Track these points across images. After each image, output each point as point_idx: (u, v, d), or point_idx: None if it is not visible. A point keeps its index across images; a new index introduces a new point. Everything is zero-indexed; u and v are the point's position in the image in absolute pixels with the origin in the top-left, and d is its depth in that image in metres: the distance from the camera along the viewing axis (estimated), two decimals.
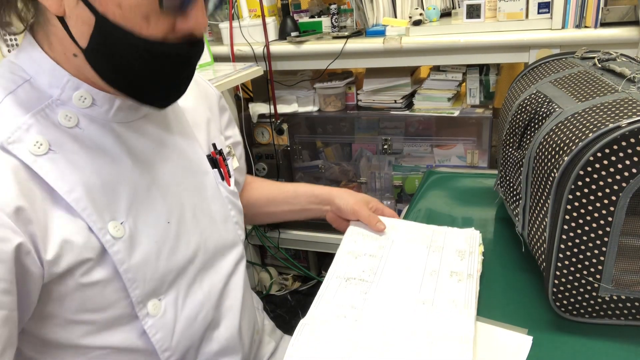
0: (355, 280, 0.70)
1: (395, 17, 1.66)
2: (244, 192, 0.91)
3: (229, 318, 0.71)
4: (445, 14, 1.71)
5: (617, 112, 0.58)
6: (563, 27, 1.38)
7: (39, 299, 0.53)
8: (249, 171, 1.98)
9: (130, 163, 0.58)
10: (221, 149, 0.74)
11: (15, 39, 1.46)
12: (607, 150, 0.55)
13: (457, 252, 0.78)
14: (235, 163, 0.79)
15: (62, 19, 0.50)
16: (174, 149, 0.65)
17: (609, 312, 0.62)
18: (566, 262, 0.61)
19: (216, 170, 0.71)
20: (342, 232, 0.84)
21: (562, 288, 0.63)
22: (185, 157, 0.66)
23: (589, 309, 0.63)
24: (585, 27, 1.36)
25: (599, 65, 0.75)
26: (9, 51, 1.43)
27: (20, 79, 0.54)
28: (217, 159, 0.72)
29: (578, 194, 0.57)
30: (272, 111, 1.86)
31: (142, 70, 0.53)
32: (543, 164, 0.65)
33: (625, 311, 0.62)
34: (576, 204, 0.58)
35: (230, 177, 0.74)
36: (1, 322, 0.48)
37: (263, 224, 1.98)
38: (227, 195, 0.72)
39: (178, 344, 0.63)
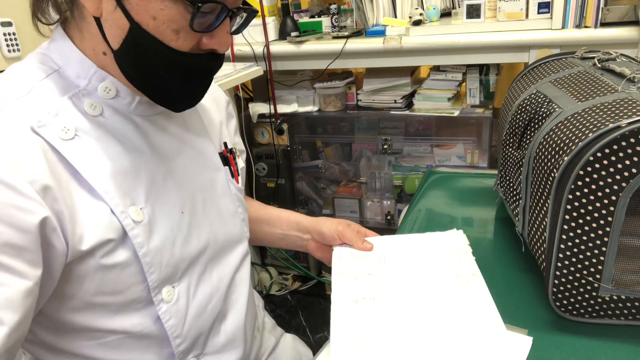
0: (366, 300, 0.69)
1: (395, 17, 1.66)
2: None
3: (235, 311, 0.73)
4: (445, 14, 1.71)
5: (617, 112, 0.58)
6: (563, 27, 1.38)
7: (60, 279, 0.55)
8: (249, 171, 1.98)
9: (149, 153, 0.61)
10: (231, 148, 0.77)
11: (16, 40, 1.46)
12: (607, 150, 0.55)
13: (450, 255, 0.78)
14: (241, 163, 0.81)
15: (97, 19, 0.53)
16: (189, 144, 0.67)
17: (609, 312, 0.62)
18: (566, 262, 0.61)
19: (227, 167, 0.74)
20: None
21: (562, 288, 0.63)
22: (199, 153, 0.69)
23: (589, 309, 0.63)
24: (585, 27, 1.36)
25: (599, 65, 0.75)
26: (8, 51, 1.43)
27: (50, 68, 0.58)
28: (227, 157, 0.74)
29: (578, 193, 0.57)
30: (272, 111, 1.86)
31: (165, 77, 0.56)
32: (543, 164, 0.65)
33: (625, 311, 0.62)
34: (576, 203, 0.58)
35: (238, 175, 0.77)
36: (25, 293, 0.50)
37: None
38: (236, 192, 0.74)
39: (189, 332, 0.65)
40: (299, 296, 2.12)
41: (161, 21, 0.51)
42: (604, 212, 0.57)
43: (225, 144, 0.76)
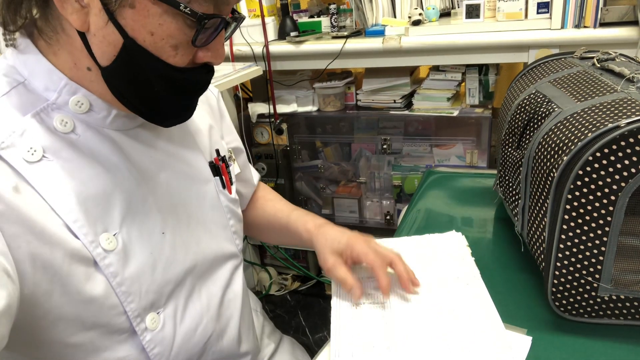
0: (366, 305, 0.69)
1: (395, 17, 1.66)
2: (252, 208, 0.88)
3: (229, 328, 0.69)
4: (445, 13, 1.71)
5: (616, 112, 0.58)
6: (562, 27, 1.38)
7: (32, 327, 0.50)
8: None
9: (127, 172, 0.57)
10: (224, 156, 0.73)
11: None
12: (606, 150, 0.55)
13: (450, 258, 0.78)
14: (236, 169, 0.77)
15: (82, 34, 0.49)
16: (174, 157, 0.64)
17: (608, 312, 0.62)
18: (565, 262, 0.61)
19: (217, 178, 0.70)
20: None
21: (561, 288, 0.63)
22: (185, 165, 0.65)
23: (588, 309, 0.63)
24: (585, 27, 1.36)
25: (598, 65, 0.75)
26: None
27: (14, 80, 0.53)
28: (219, 166, 0.70)
29: (577, 193, 0.57)
30: (272, 111, 1.86)
31: (161, 93, 0.53)
32: (542, 164, 0.65)
33: (625, 311, 0.62)
34: (575, 203, 0.58)
35: (232, 184, 0.73)
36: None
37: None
38: (227, 204, 0.71)
39: (176, 358, 0.62)
40: (298, 296, 2.12)
41: (160, 37, 0.49)
42: (603, 212, 0.57)
43: (217, 151, 0.72)
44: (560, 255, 0.61)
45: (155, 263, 0.58)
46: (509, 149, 0.81)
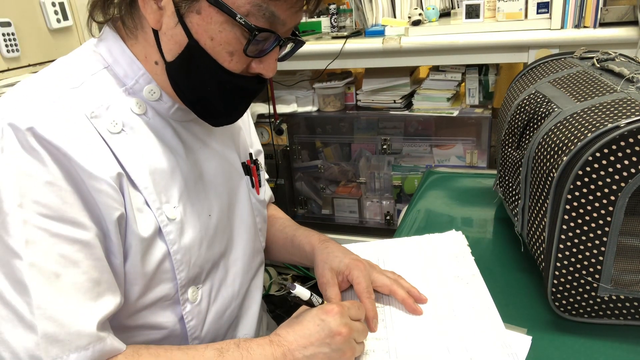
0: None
1: (395, 17, 1.66)
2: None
3: (248, 318, 0.75)
4: (445, 14, 1.71)
5: (616, 112, 0.58)
6: (562, 27, 1.38)
7: None
8: None
9: (184, 156, 0.64)
10: (256, 159, 0.79)
11: (15, 40, 1.46)
12: (605, 150, 0.55)
13: (450, 257, 0.78)
14: (265, 175, 0.83)
15: (156, 32, 0.57)
16: (215, 151, 0.70)
17: (608, 312, 0.62)
18: (565, 262, 0.61)
19: (248, 177, 0.75)
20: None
21: (561, 288, 0.63)
22: (225, 161, 0.71)
23: (588, 309, 0.63)
24: (584, 27, 1.36)
25: (598, 65, 0.75)
26: (7, 51, 1.43)
27: (100, 64, 0.61)
28: (250, 167, 0.76)
29: (577, 193, 0.57)
30: (272, 111, 1.86)
31: (213, 93, 0.59)
32: (542, 164, 0.65)
33: (624, 311, 0.62)
34: (575, 204, 0.58)
35: (260, 186, 0.78)
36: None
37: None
38: (255, 202, 0.76)
39: (206, 335, 0.67)
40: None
41: (218, 42, 0.55)
42: (602, 212, 0.57)
43: (250, 154, 0.78)
44: (560, 255, 0.61)
45: (202, 240, 0.65)
46: (509, 149, 0.81)
